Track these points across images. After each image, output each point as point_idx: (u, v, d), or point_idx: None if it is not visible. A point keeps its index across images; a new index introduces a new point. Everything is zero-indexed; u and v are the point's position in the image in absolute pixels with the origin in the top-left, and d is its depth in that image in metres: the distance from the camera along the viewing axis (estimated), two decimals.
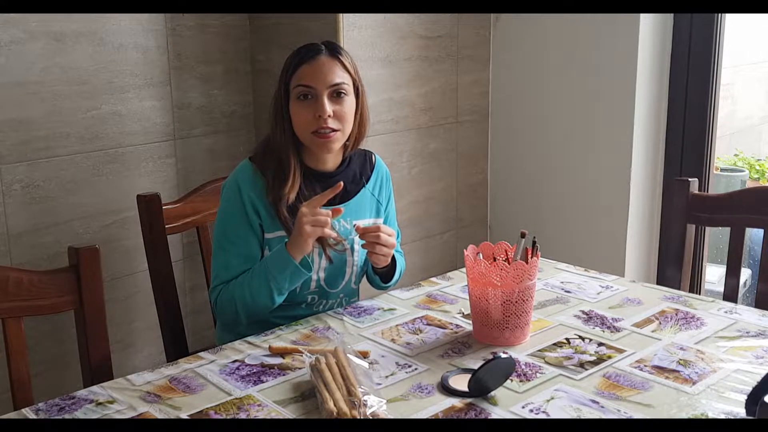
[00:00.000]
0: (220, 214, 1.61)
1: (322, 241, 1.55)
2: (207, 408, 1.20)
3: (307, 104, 1.54)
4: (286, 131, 1.57)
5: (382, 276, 1.70)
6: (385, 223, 1.73)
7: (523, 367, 1.32)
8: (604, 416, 1.15)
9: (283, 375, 1.31)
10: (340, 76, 1.54)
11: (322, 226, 1.48)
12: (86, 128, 2.06)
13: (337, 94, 1.54)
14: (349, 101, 1.56)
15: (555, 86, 2.51)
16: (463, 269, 1.67)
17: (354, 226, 1.62)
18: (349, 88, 1.56)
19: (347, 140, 1.62)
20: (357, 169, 1.68)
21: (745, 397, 1.08)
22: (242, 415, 1.18)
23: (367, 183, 1.68)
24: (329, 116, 1.52)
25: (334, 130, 1.54)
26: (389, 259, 1.61)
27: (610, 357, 1.35)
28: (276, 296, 1.53)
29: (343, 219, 1.61)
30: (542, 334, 1.46)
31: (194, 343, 1.97)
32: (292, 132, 1.57)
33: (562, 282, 1.74)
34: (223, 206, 1.61)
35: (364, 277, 1.74)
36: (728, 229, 1.85)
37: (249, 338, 1.47)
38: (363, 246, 1.58)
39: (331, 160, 1.63)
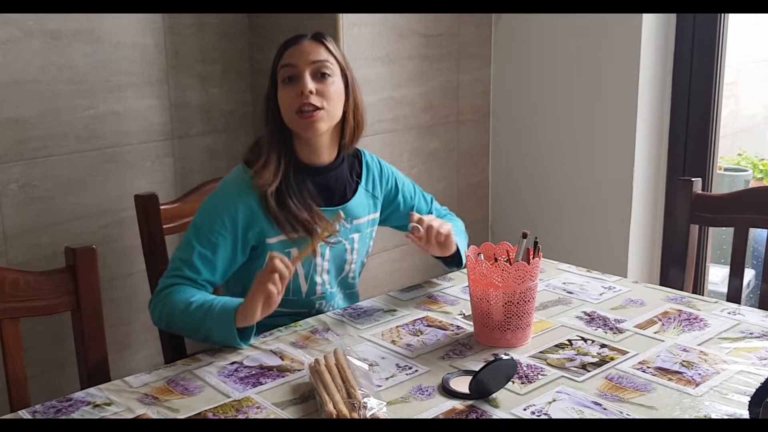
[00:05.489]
0: (204, 206, 1.53)
1: (313, 234, 1.50)
2: (205, 410, 1.19)
3: (291, 86, 1.51)
4: (275, 120, 1.54)
5: (452, 258, 1.66)
6: (405, 203, 1.73)
7: (525, 368, 1.30)
8: (606, 418, 1.14)
9: (282, 377, 1.30)
10: (323, 56, 1.52)
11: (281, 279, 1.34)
12: (83, 127, 2.05)
13: (321, 75, 1.51)
14: (335, 82, 1.52)
15: (557, 85, 2.50)
16: (464, 270, 1.65)
17: (353, 224, 1.61)
18: (333, 68, 1.53)
19: (343, 138, 1.58)
20: (348, 169, 1.64)
21: (749, 398, 1.07)
22: (241, 417, 1.17)
23: (360, 180, 1.65)
24: (311, 92, 1.48)
25: (317, 108, 1.49)
26: (453, 244, 1.58)
27: (612, 358, 1.34)
28: (202, 341, 1.46)
29: (344, 220, 1.59)
30: (544, 335, 1.44)
31: (192, 344, 1.95)
32: (280, 120, 1.53)
33: (564, 283, 1.72)
34: (211, 201, 1.53)
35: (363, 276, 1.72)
36: (731, 229, 1.84)
37: None
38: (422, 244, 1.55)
39: (325, 153, 1.57)
